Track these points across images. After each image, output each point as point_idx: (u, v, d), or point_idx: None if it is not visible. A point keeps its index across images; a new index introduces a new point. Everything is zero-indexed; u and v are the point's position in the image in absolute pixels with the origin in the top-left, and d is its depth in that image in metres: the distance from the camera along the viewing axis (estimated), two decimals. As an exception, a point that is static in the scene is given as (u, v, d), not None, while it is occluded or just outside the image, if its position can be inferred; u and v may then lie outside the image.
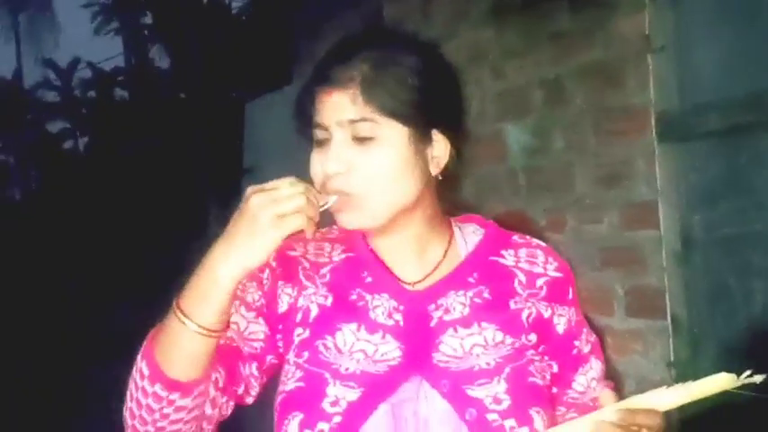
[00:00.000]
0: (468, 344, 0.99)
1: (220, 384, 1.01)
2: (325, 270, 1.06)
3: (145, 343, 0.96)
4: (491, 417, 0.94)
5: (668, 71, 1.96)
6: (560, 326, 1.04)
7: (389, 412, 0.96)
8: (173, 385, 0.93)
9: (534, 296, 1.04)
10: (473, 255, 1.07)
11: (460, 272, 1.05)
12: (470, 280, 1.04)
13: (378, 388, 0.96)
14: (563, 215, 2.25)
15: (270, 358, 1.04)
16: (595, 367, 1.07)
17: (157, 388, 0.93)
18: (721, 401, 0.91)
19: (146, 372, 0.94)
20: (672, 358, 1.93)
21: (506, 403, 0.95)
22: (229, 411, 1.03)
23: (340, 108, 0.98)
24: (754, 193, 1.81)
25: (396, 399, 0.96)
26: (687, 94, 1.93)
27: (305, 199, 0.90)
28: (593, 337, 1.09)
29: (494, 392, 0.95)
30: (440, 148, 1.02)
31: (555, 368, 1.04)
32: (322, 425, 0.95)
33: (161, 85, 9.63)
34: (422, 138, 1.01)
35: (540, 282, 1.05)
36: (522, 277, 1.05)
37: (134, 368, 0.96)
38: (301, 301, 1.04)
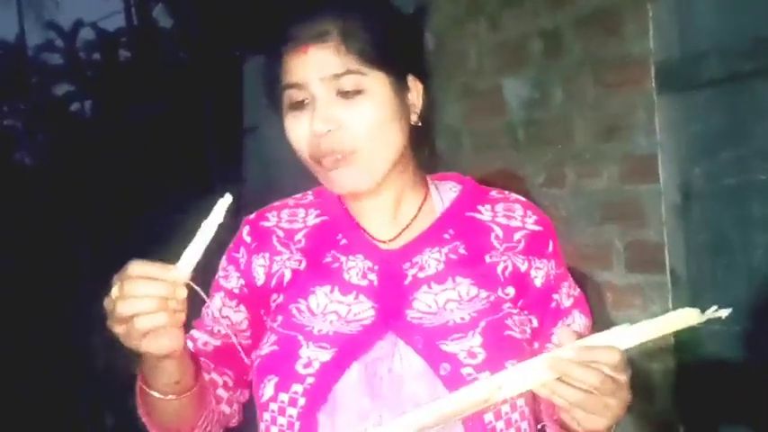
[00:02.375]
0: (443, 299, 0.99)
1: (230, 385, 1.05)
2: (299, 236, 1.05)
3: (136, 397, 0.99)
4: (465, 371, 0.94)
5: (668, 19, 1.90)
6: (538, 279, 1.03)
7: (363, 371, 0.96)
8: None
9: (511, 249, 1.03)
10: (449, 211, 1.06)
11: (436, 228, 1.04)
12: (446, 236, 1.03)
13: (350, 347, 0.96)
14: (562, 169, 2.22)
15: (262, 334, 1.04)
16: (578, 321, 1.06)
17: None
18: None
19: (147, 423, 1.01)
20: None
21: (481, 357, 0.95)
22: (247, 397, 1.08)
23: (321, 63, 0.95)
24: (756, 142, 1.77)
25: (370, 357, 0.96)
26: (687, 42, 1.88)
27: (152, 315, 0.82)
28: (575, 291, 1.08)
29: (468, 346, 0.95)
30: (415, 94, 1.02)
31: (535, 322, 1.03)
32: (296, 386, 0.96)
33: (164, 46, 9.54)
34: (401, 85, 1.00)
35: (517, 235, 1.04)
36: (498, 231, 1.04)
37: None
38: (275, 267, 1.04)
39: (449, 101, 2.57)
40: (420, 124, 1.03)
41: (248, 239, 1.07)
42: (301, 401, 0.95)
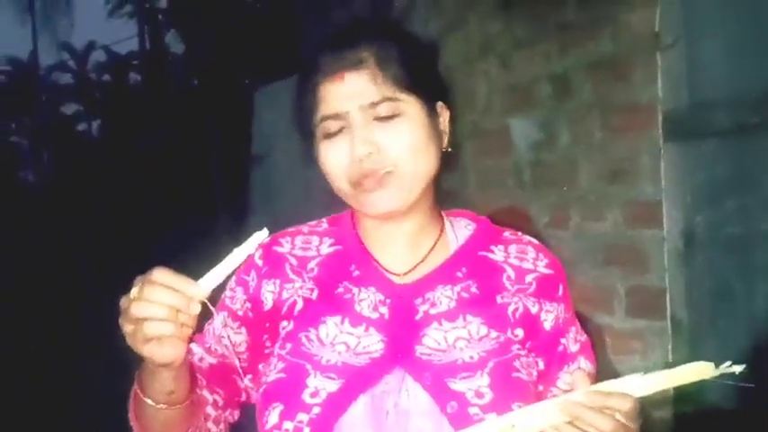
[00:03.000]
0: (452, 337, 0.99)
1: (220, 404, 1.05)
2: (312, 264, 1.06)
3: (129, 400, 1.00)
4: (472, 410, 0.93)
5: (677, 68, 1.92)
6: (548, 322, 1.03)
7: (369, 404, 0.95)
8: None
9: (522, 291, 1.03)
10: (462, 249, 1.07)
11: (449, 266, 1.05)
12: (459, 274, 1.04)
13: (358, 380, 0.96)
14: (567, 211, 2.23)
15: (261, 366, 1.04)
16: (584, 367, 1.05)
17: None
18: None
19: (135, 427, 1.00)
20: (671, 359, 1.91)
21: (488, 397, 0.94)
22: (236, 418, 1.08)
23: (358, 91, 0.97)
24: (760, 192, 1.78)
25: (377, 390, 0.96)
26: (695, 92, 1.90)
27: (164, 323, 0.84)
28: (582, 337, 1.08)
29: (476, 386, 0.95)
30: (444, 120, 1.05)
31: (541, 365, 1.03)
32: (301, 416, 0.95)
33: (175, 71, 9.63)
34: (432, 110, 1.03)
35: (529, 277, 1.05)
36: (510, 272, 1.05)
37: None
38: (285, 295, 1.04)
39: (457, 138, 2.59)
40: (450, 150, 1.05)
41: (260, 263, 1.07)
42: (306, 431, 0.95)
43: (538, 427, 0.86)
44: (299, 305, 1.03)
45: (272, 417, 0.97)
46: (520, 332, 1.01)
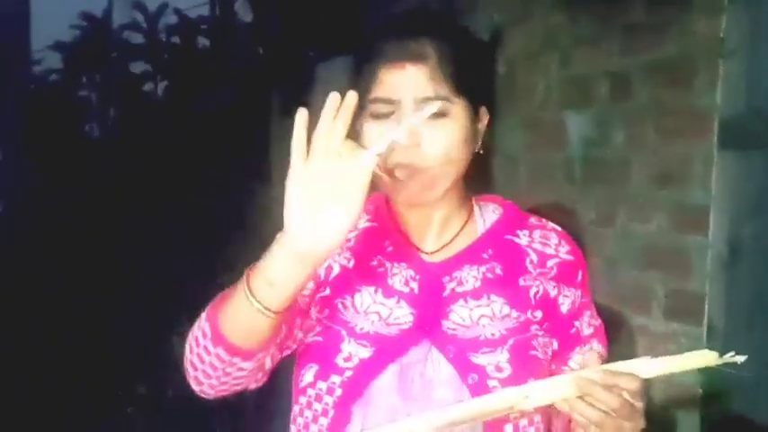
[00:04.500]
0: (477, 314, 1.05)
1: (278, 340, 1.05)
2: (350, 235, 1.10)
3: (212, 303, 0.98)
4: (491, 383, 1.00)
5: (738, 77, 1.92)
6: (564, 306, 1.10)
7: (398, 372, 1.02)
8: (235, 351, 0.94)
9: (544, 275, 1.09)
10: (489, 232, 1.13)
11: (476, 247, 1.11)
12: (484, 255, 1.10)
13: (389, 348, 1.03)
14: (614, 210, 2.24)
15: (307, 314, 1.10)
16: (596, 349, 1.11)
17: (220, 351, 0.94)
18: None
19: (208, 333, 0.95)
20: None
21: (507, 372, 1.01)
22: (276, 364, 1.09)
23: (416, 84, 1.00)
24: (810, 209, 1.77)
25: (405, 360, 1.03)
26: (754, 102, 1.89)
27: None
28: (596, 321, 1.14)
29: (496, 361, 1.02)
30: (483, 123, 1.10)
31: (555, 345, 1.10)
32: (334, 377, 1.03)
33: (241, 38, 9.77)
34: (475, 114, 1.07)
35: (550, 262, 1.10)
36: (533, 257, 1.10)
37: (197, 325, 0.98)
38: (326, 261, 1.09)
39: (511, 129, 2.62)
40: (482, 152, 1.10)
41: None
42: (338, 392, 1.02)
43: (550, 400, 0.92)
44: (336, 271, 1.09)
45: (308, 375, 1.05)
46: (539, 313, 1.07)
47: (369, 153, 0.84)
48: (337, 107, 0.84)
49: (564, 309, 1.10)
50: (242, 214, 5.08)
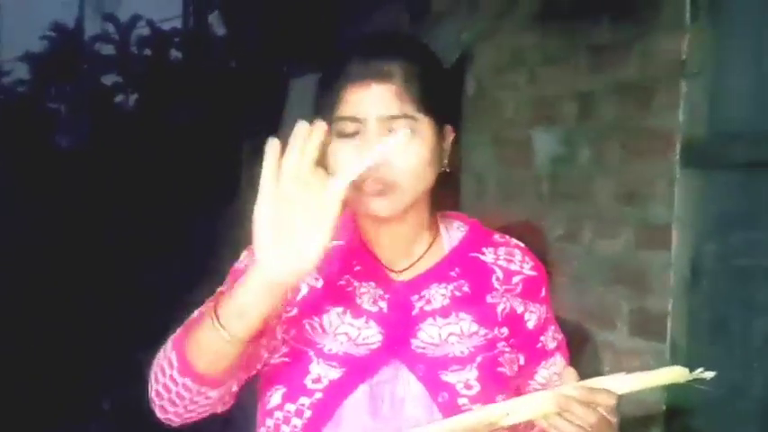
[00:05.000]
0: (445, 332, 1.06)
1: (245, 366, 1.03)
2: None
3: (177, 333, 0.97)
4: (461, 401, 1.02)
5: (699, 97, 1.95)
6: (531, 322, 1.12)
7: (368, 392, 1.03)
8: (203, 381, 0.93)
9: (510, 292, 1.12)
10: (456, 250, 1.14)
11: (443, 266, 1.12)
12: (452, 274, 1.11)
13: (358, 369, 1.03)
14: (581, 227, 2.27)
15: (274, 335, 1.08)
16: (559, 363, 1.15)
17: (187, 381, 0.93)
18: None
19: (175, 363, 0.93)
20: (667, 381, 1.94)
21: (476, 389, 1.03)
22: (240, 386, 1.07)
23: (381, 103, 1.01)
24: (769, 229, 1.81)
25: (375, 380, 1.03)
26: (715, 122, 1.93)
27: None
28: (560, 336, 1.18)
29: (465, 378, 1.04)
30: (448, 141, 1.10)
31: (521, 360, 1.12)
32: (303, 399, 1.02)
33: (215, 51, 9.73)
34: (440, 132, 1.08)
35: (515, 279, 1.13)
36: (499, 273, 1.13)
37: (162, 354, 0.96)
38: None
39: (480, 146, 2.64)
40: (448, 170, 1.10)
41: None
42: (307, 413, 1.02)
43: (530, 416, 0.95)
44: (303, 291, 1.08)
45: (275, 398, 1.04)
46: (505, 330, 1.09)
47: (338, 182, 0.83)
48: (305, 135, 0.84)
49: (530, 324, 1.12)
50: (212, 226, 5.04)
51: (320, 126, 0.84)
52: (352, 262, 1.11)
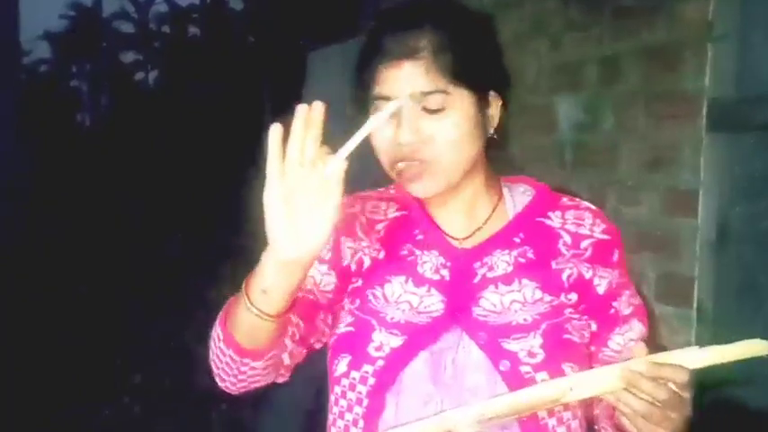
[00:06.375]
0: (508, 300, 1.03)
1: (297, 337, 1.07)
2: (379, 226, 1.12)
3: (223, 308, 1.02)
4: (524, 369, 0.99)
5: (726, 60, 1.93)
6: (601, 287, 1.06)
7: (429, 359, 1.02)
8: (244, 353, 0.98)
9: (578, 257, 1.06)
10: (520, 215, 1.10)
11: (507, 232, 1.09)
12: (516, 240, 1.08)
13: (419, 336, 1.03)
14: (604, 194, 2.26)
15: (339, 308, 1.11)
16: (635, 329, 1.08)
17: (231, 352, 0.99)
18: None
19: (221, 336, 1.00)
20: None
21: (540, 357, 0.99)
22: (302, 359, 1.11)
23: (412, 80, 0.99)
24: (798, 191, 1.79)
25: (436, 347, 1.03)
26: (742, 85, 1.90)
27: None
28: (636, 301, 1.10)
29: (528, 346, 1.00)
30: (495, 108, 1.06)
31: (594, 327, 1.07)
32: (367, 367, 1.04)
33: (232, 26, 9.73)
34: (482, 101, 1.04)
35: (584, 243, 1.07)
36: (566, 238, 1.07)
37: (213, 327, 1.02)
38: (355, 252, 1.11)
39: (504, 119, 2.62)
40: (495, 136, 1.07)
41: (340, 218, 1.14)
42: (371, 381, 1.03)
43: (595, 392, 0.91)
44: (367, 263, 1.10)
45: (341, 366, 1.06)
46: (573, 296, 1.04)
47: (335, 162, 0.85)
48: (305, 117, 0.85)
49: (600, 290, 1.06)
50: (234, 201, 5.08)
51: (318, 107, 0.85)
52: (413, 231, 1.10)
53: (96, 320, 4.99)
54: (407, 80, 0.99)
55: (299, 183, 0.85)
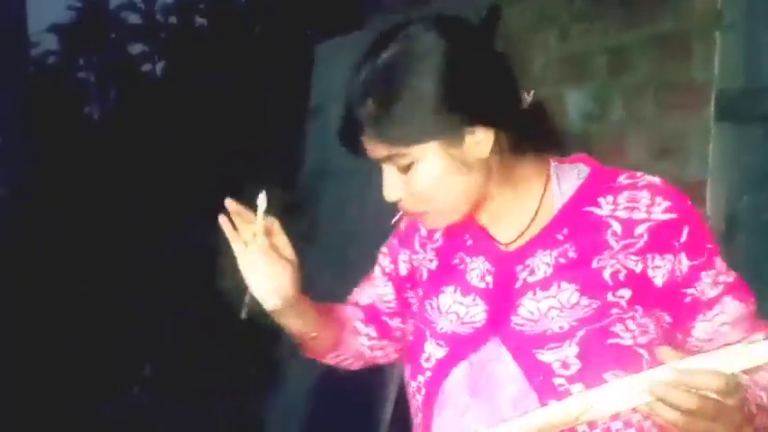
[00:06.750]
0: (545, 306, 0.97)
1: (374, 336, 1.20)
2: (437, 235, 1.12)
3: None
4: (557, 381, 0.93)
5: (735, 50, 1.92)
6: (658, 278, 0.95)
7: (468, 370, 1.01)
8: (308, 352, 1.19)
9: (628, 248, 0.96)
10: (566, 207, 1.01)
11: (551, 228, 1.01)
12: (559, 237, 1.00)
13: (461, 347, 1.02)
14: (613, 185, 2.26)
15: (409, 312, 1.16)
16: (728, 311, 0.98)
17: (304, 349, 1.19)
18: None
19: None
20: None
21: (575, 368, 0.93)
22: (396, 356, 1.22)
23: (372, 148, 0.99)
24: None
25: (476, 358, 1.01)
26: (751, 75, 1.90)
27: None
28: (726, 278, 0.99)
29: (563, 357, 0.93)
30: (473, 141, 0.97)
31: (668, 319, 0.97)
32: (420, 377, 1.06)
33: (239, 17, 9.72)
34: (457, 137, 0.97)
35: (639, 229, 0.96)
36: (616, 227, 0.97)
37: None
38: (415, 264, 1.14)
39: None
40: (489, 157, 0.98)
41: (402, 230, 1.17)
42: (423, 391, 1.04)
43: (617, 409, 0.85)
44: (425, 275, 1.12)
45: (406, 374, 1.10)
46: (625, 293, 0.95)
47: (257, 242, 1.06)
48: (234, 211, 1.06)
49: (658, 281, 0.95)
50: (241, 191, 5.08)
51: (232, 205, 1.06)
52: (464, 236, 1.07)
53: (109, 310, 5.02)
54: (369, 149, 0.99)
55: (257, 253, 1.04)
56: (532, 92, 1.04)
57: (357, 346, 1.20)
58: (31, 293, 5.31)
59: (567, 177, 1.03)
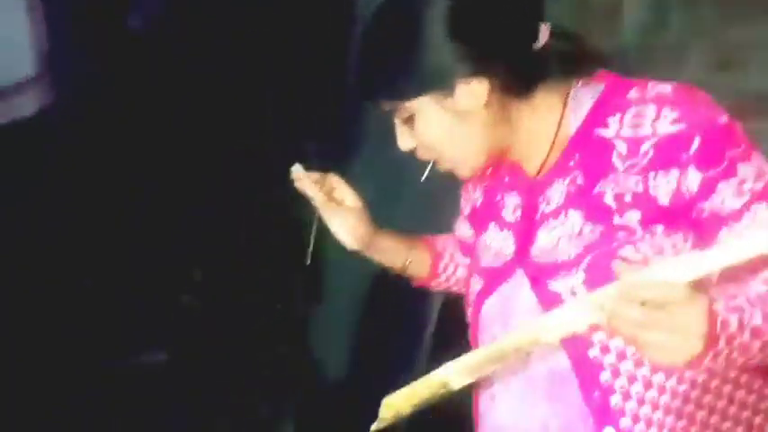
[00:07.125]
0: (556, 236, 0.98)
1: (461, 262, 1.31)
2: (487, 174, 1.15)
3: None
4: None
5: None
6: (663, 196, 0.91)
7: (496, 304, 1.05)
8: (412, 281, 1.33)
9: (633, 168, 0.93)
10: (578, 133, 1.00)
11: (564, 156, 1.01)
12: (571, 164, 0.99)
13: (492, 280, 1.07)
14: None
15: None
16: (763, 218, 0.88)
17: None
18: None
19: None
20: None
21: (581, 296, 0.92)
22: None
23: (379, 102, 1.02)
24: None
25: (503, 291, 1.05)
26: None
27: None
28: (751, 185, 0.91)
29: (571, 285, 0.93)
30: (473, 86, 0.96)
31: (692, 238, 0.92)
32: (469, 310, 1.12)
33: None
34: (447, 89, 0.97)
35: (644, 147, 0.92)
36: (621, 148, 0.94)
37: None
38: (472, 204, 1.23)
39: (563, 15, 2.53)
40: (487, 110, 0.98)
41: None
42: (470, 325, 1.11)
43: (568, 331, 0.84)
44: (477, 214, 1.20)
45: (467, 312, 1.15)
46: (633, 215, 0.92)
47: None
48: (300, 178, 1.19)
49: (665, 199, 0.90)
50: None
51: (296, 169, 1.19)
52: (503, 174, 1.12)
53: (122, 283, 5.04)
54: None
55: (330, 208, 1.19)
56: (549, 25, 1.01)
57: (460, 273, 1.29)
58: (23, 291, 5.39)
59: (582, 101, 1.01)
